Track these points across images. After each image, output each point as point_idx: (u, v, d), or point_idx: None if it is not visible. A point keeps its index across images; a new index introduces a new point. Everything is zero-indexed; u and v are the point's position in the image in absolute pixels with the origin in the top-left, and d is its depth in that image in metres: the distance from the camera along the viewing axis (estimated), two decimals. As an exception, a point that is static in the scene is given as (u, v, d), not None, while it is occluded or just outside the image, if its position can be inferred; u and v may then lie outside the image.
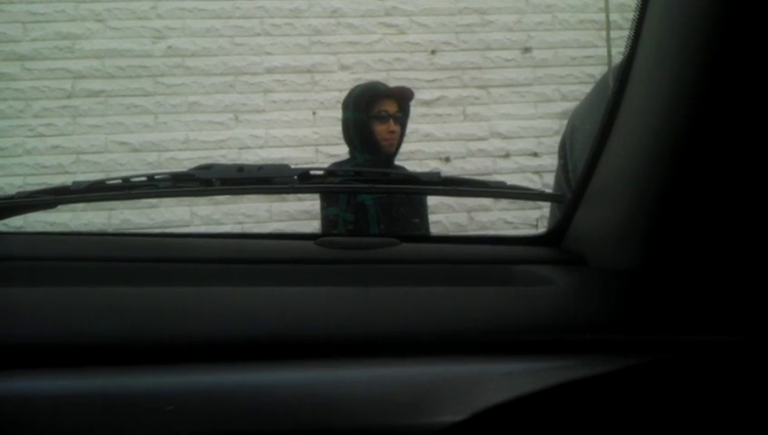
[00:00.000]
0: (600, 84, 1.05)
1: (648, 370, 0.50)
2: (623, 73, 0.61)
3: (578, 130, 1.04)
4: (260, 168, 0.73)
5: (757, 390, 0.51)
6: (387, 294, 0.58)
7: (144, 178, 0.73)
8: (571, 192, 0.71)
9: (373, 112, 2.26)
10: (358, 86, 2.36)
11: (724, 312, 0.53)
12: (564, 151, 1.07)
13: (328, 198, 2.25)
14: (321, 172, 0.75)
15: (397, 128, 2.28)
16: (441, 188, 0.76)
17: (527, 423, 0.47)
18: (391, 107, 2.28)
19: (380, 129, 2.25)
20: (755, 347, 0.51)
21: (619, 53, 0.82)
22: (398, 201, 2.24)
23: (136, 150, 3.18)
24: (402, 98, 2.33)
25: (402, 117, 2.33)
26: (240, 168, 0.72)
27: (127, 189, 0.72)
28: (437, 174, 0.74)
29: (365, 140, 2.25)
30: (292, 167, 0.73)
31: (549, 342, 0.51)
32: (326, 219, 2.27)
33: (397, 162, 2.41)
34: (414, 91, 2.40)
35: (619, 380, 0.49)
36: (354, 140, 2.29)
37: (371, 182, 0.76)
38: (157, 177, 0.73)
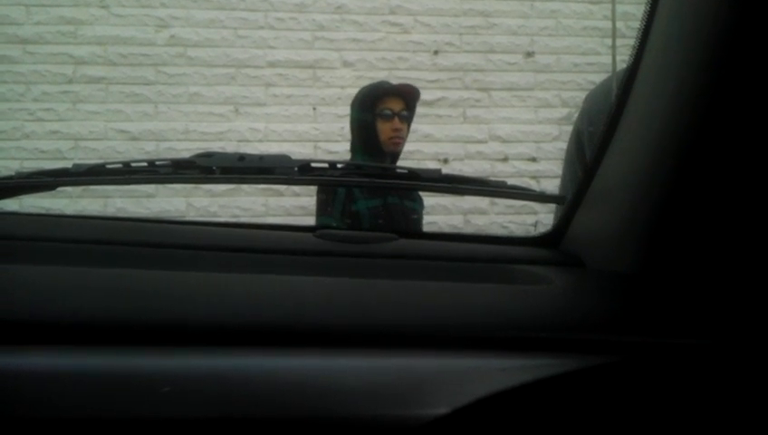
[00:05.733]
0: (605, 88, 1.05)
1: (626, 370, 0.50)
2: (628, 79, 0.62)
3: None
4: (261, 157, 0.73)
5: (729, 393, 0.51)
6: (383, 287, 0.58)
7: (145, 164, 0.73)
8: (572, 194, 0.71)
9: (378, 110, 2.20)
10: (365, 86, 2.33)
11: (707, 315, 0.54)
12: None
13: (321, 207, 2.20)
14: (321, 165, 0.75)
15: (402, 126, 2.22)
16: (441, 185, 0.76)
17: (518, 417, 0.48)
18: (397, 105, 2.22)
19: (385, 127, 2.19)
20: (724, 351, 0.51)
21: (622, 61, 0.82)
22: (394, 211, 2.19)
23: (135, 139, 3.17)
24: (409, 96, 2.27)
25: (408, 116, 2.26)
26: (241, 157, 0.72)
27: (127, 174, 0.72)
28: (438, 171, 0.74)
29: (369, 140, 2.20)
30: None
31: (542, 339, 0.51)
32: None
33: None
34: (416, 90, 2.36)
35: (604, 378, 0.50)
36: (357, 141, 2.24)
37: (371, 177, 0.76)
38: (157, 163, 0.73)
